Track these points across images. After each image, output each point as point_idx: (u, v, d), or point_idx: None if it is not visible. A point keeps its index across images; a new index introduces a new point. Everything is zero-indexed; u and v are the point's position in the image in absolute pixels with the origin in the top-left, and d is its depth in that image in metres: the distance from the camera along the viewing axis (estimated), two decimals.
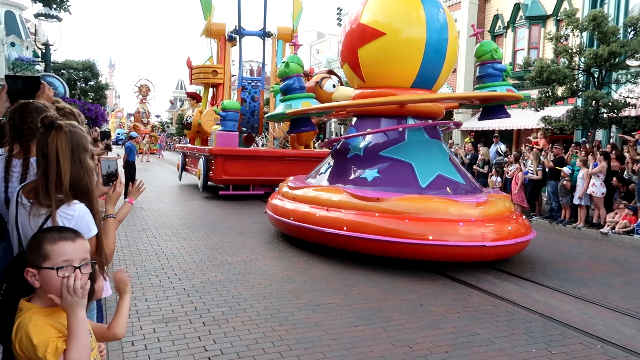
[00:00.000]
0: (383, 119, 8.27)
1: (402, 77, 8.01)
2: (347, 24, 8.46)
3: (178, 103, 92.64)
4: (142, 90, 50.55)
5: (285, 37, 16.34)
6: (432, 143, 8.13)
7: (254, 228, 9.38)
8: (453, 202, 6.80)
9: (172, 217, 10.56)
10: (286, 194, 8.41)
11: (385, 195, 6.97)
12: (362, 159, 8.01)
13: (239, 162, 12.97)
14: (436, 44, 7.83)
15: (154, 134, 39.32)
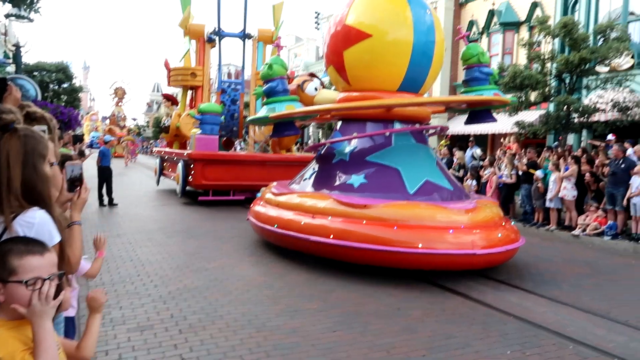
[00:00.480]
0: (369, 123, 8.07)
1: (389, 80, 7.83)
2: (332, 25, 8.25)
3: (155, 106, 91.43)
4: (118, 92, 49.55)
5: (266, 39, 16.06)
6: (419, 148, 7.96)
7: (232, 233, 9.25)
8: (442, 209, 6.62)
9: (148, 222, 10.34)
10: (270, 201, 8.13)
11: (373, 201, 6.76)
12: (348, 164, 7.78)
13: (219, 167, 12.62)
14: (423, 47, 7.66)
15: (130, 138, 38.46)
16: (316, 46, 43.11)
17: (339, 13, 8.15)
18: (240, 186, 12.95)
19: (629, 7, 17.38)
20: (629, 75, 14.71)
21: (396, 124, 7.95)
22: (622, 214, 9.88)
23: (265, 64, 8.57)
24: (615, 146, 10.39)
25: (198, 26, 15.79)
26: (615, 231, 9.75)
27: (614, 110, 14.01)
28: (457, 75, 25.09)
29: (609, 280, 7.01)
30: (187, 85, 15.84)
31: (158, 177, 17.18)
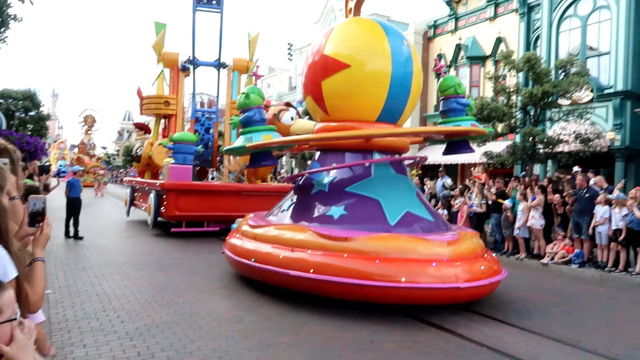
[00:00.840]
0: (348, 153, 7.96)
1: (367, 111, 7.77)
2: (309, 55, 8.21)
3: (125, 134, 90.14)
4: (88, 120, 48.74)
5: (240, 68, 16.00)
6: (398, 179, 7.87)
7: (203, 265, 9.09)
8: (424, 241, 6.48)
9: (116, 254, 10.01)
10: (246, 233, 7.86)
11: (354, 234, 6.58)
12: (327, 195, 7.62)
13: (193, 197, 12.29)
14: (401, 78, 7.67)
15: (97, 164, 37.54)
16: (289, 77, 43.60)
17: (316, 43, 8.14)
18: (215, 217, 12.62)
19: (586, 43, 18.38)
20: (589, 108, 15.62)
21: (375, 154, 7.86)
22: (587, 243, 10.10)
23: (242, 93, 8.43)
24: (580, 176, 10.71)
25: (172, 54, 15.64)
26: (582, 259, 9.96)
27: (577, 141, 14.63)
28: (427, 106, 25.75)
29: (578, 308, 7.11)
30: (160, 113, 15.56)
31: (128, 208, 16.65)
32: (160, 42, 15.38)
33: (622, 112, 16.82)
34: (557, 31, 19.27)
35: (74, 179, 12.33)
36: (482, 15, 22.84)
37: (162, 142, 12.75)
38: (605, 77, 17.73)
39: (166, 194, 12.16)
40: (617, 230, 9.37)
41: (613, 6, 17.37)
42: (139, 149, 16.16)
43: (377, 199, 7.27)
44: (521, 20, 21.08)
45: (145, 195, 14.68)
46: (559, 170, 16.64)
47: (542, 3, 19.77)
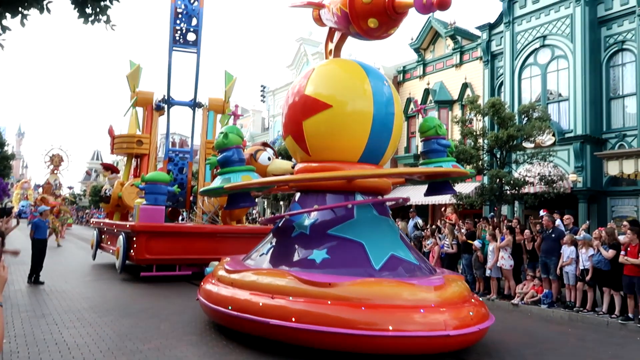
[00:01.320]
0: (329, 194, 7.75)
1: (349, 151, 7.64)
2: (289, 95, 8.08)
3: (94, 174, 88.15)
4: (55, 160, 47.38)
5: (216, 107, 15.83)
6: (381, 220, 7.67)
7: (170, 309, 8.77)
8: (410, 286, 6.24)
9: (78, 299, 9.52)
10: (222, 279, 7.45)
11: (337, 279, 6.29)
12: (308, 238, 7.34)
13: (164, 240, 11.77)
14: (383, 118, 7.60)
15: (65, 208, 36.22)
16: (262, 117, 43.89)
17: (297, 84, 8.04)
18: (188, 260, 12.09)
19: (547, 89, 19.46)
20: (552, 151, 16.32)
21: (357, 195, 7.68)
22: (556, 283, 10.24)
23: (221, 133, 8.21)
24: (545, 217, 10.95)
25: (146, 93, 15.39)
26: (550, 299, 10.07)
27: (542, 183, 15.17)
28: (398, 148, 26.04)
29: (549, 349, 7.11)
30: (133, 153, 15.13)
31: (95, 251, 15.89)
32: (134, 74, 15.08)
33: (582, 155, 17.62)
34: (519, 78, 20.38)
35: (39, 220, 11.71)
36: (448, 61, 23.91)
37: (134, 183, 12.28)
38: (565, 122, 18.69)
39: (136, 236, 11.62)
40: (584, 270, 9.52)
41: (570, 56, 18.48)
42: (108, 189, 15.60)
43: (360, 241, 7.03)
44: (485, 67, 22.15)
45: (114, 238, 14.04)
46: (526, 212, 17.35)
47: (504, 52, 20.97)
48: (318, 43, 35.85)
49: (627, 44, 17.53)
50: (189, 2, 15.22)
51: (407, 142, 25.78)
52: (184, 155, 16.14)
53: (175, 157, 15.88)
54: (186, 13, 15.22)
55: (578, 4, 18.19)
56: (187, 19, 15.27)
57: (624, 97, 17.78)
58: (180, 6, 15.11)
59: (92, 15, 6.51)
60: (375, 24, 7.23)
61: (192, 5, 15.26)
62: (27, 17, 6.09)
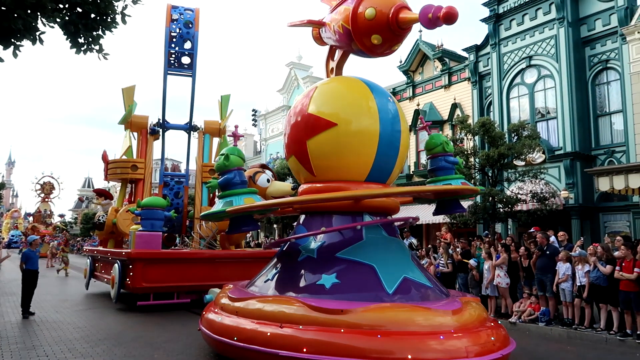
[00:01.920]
0: (336, 215, 7.44)
1: (355, 171, 7.37)
2: (292, 115, 7.84)
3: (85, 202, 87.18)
4: (45, 188, 46.76)
5: (212, 131, 15.59)
6: (391, 241, 7.37)
7: (164, 337, 8.62)
8: (427, 311, 5.89)
9: (70, 330, 9.32)
10: (226, 307, 7.07)
11: (350, 305, 5.95)
12: (316, 262, 7.00)
13: (162, 267, 11.34)
14: (389, 136, 7.36)
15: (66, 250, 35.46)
16: (254, 141, 43.98)
17: (299, 103, 7.81)
18: (186, 287, 11.65)
19: (535, 108, 19.88)
20: (542, 168, 16.65)
21: (366, 216, 7.38)
22: (552, 300, 10.20)
23: (221, 154, 7.91)
24: (539, 234, 10.92)
25: (141, 117, 15.11)
26: (548, 317, 10.02)
27: (534, 200, 15.33)
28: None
29: None
30: (127, 178, 14.77)
31: (88, 280, 15.37)
32: (127, 116, 14.74)
33: (573, 172, 17.86)
34: (508, 97, 20.90)
35: (29, 250, 11.25)
36: (437, 82, 24.34)
37: (129, 209, 11.91)
38: (554, 140, 19.06)
39: (132, 263, 11.19)
40: (581, 286, 9.53)
41: (556, 75, 18.99)
42: (102, 216, 15.17)
43: (371, 264, 6.71)
44: (473, 87, 22.62)
45: (108, 266, 13.58)
46: (520, 229, 17.51)
47: (492, 72, 21.50)
48: (308, 67, 36.38)
49: (611, 62, 18.07)
50: (184, 26, 15.09)
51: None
52: (179, 179, 15.80)
53: (171, 182, 15.55)
54: (181, 37, 15.08)
55: (562, 25, 18.84)
56: (181, 42, 15.13)
57: (611, 114, 18.27)
58: (175, 30, 14.99)
59: (85, 45, 6.53)
60: (379, 41, 7.06)
61: (187, 29, 15.13)
62: (20, 48, 6.06)
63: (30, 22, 5.93)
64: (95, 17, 6.48)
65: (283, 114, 36.51)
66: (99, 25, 6.52)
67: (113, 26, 6.65)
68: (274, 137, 37.18)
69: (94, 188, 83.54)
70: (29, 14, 5.90)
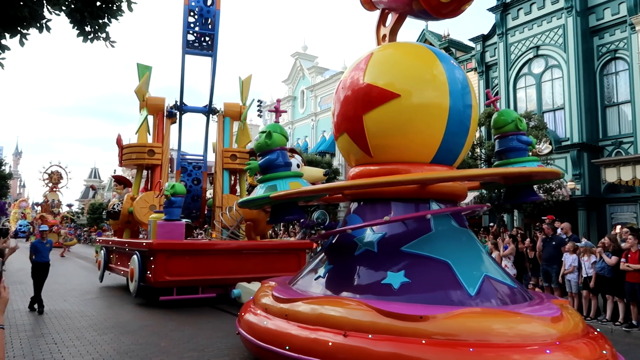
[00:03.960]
0: (396, 203, 6.39)
1: (421, 150, 6.31)
2: (342, 89, 6.74)
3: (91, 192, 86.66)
4: (53, 177, 45.97)
5: (232, 114, 14.54)
6: (462, 233, 6.31)
7: (170, 326, 8.60)
8: (525, 318, 4.85)
9: (77, 318, 9.34)
10: (271, 309, 6.05)
11: (428, 309, 4.92)
12: (377, 257, 5.97)
13: (186, 258, 10.36)
14: (460, 112, 6.30)
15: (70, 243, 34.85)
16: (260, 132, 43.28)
17: (350, 74, 6.71)
18: (212, 281, 10.68)
19: (542, 99, 19.69)
20: (549, 159, 16.50)
21: (433, 204, 6.33)
22: (557, 291, 10.16)
23: (262, 132, 6.89)
24: (545, 225, 10.75)
25: (157, 99, 14.07)
26: None
27: (540, 191, 15.05)
28: None
29: None
30: (143, 164, 13.75)
31: (102, 272, 14.45)
32: (144, 85, 13.79)
33: (580, 163, 17.61)
34: (514, 88, 20.60)
35: (38, 242, 10.29)
36: None
37: (166, 192, 10.83)
38: (561, 130, 18.89)
39: (154, 255, 10.20)
40: (587, 278, 9.48)
41: (563, 65, 18.66)
42: (117, 204, 14.17)
43: (445, 260, 5.67)
44: (480, 78, 22.34)
45: (125, 258, 12.63)
46: (526, 220, 17.56)
47: (499, 63, 21.21)
48: (314, 57, 35.81)
49: (619, 52, 17.76)
50: (204, 4, 13.97)
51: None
52: (197, 164, 14.76)
53: (189, 167, 14.52)
54: (200, 15, 13.97)
55: (570, 15, 18.44)
56: (201, 21, 14.01)
57: (619, 104, 17.85)
58: (194, 8, 13.87)
59: (92, 33, 6.50)
60: None
61: (207, 7, 14.01)
62: (27, 36, 6.05)
63: (36, 10, 5.88)
64: (100, 5, 6.45)
65: (289, 104, 35.82)
66: (104, 13, 6.48)
67: (119, 14, 6.59)
68: None
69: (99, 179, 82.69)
70: (35, 2, 5.86)
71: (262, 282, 7.51)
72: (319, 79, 33.73)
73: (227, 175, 13.73)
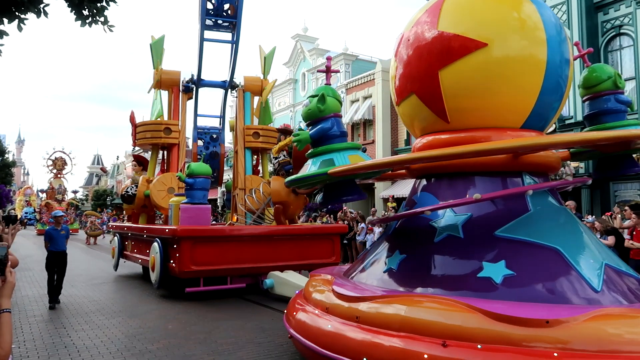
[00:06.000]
0: (480, 177, 5.29)
1: (510, 114, 5.19)
2: (409, 41, 5.52)
3: (94, 179, 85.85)
4: (57, 163, 45.04)
5: (253, 88, 13.37)
6: (561, 212, 5.22)
7: (176, 309, 8.69)
8: None
9: (85, 303, 9.42)
10: (336, 309, 4.98)
11: (553, 311, 3.85)
12: (464, 243, 4.87)
13: (213, 246, 9.34)
14: (558, 67, 5.15)
15: (95, 214, 34.19)
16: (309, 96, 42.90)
17: (420, 22, 5.49)
18: (241, 270, 9.66)
19: None
20: None
21: (526, 177, 5.22)
22: None
23: (312, 96, 5.75)
24: None
25: (172, 73, 12.91)
26: None
27: None
28: (397, 139, 26.34)
29: None
30: (159, 143, 12.64)
31: (117, 260, 13.49)
32: (158, 47, 12.58)
33: None
34: None
35: (52, 229, 9.29)
36: None
37: (179, 175, 9.80)
38: (565, 108, 18.28)
39: (179, 243, 9.17)
40: None
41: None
42: (131, 187, 13.12)
43: (555, 247, 4.57)
44: None
45: (142, 245, 11.64)
46: None
47: None
48: (314, 39, 34.79)
49: (624, 28, 17.26)
50: None
51: (407, 134, 25.39)
52: (215, 133, 13.64)
53: (205, 138, 13.44)
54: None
55: None
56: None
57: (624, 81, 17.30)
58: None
59: (89, 17, 6.45)
60: None
61: None
62: (25, 21, 6.09)
63: None
64: None
65: (289, 87, 34.88)
66: None
67: None
68: (281, 111, 35.40)
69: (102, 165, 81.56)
70: None
71: (310, 274, 6.48)
72: (320, 60, 32.66)
73: (249, 154, 12.62)
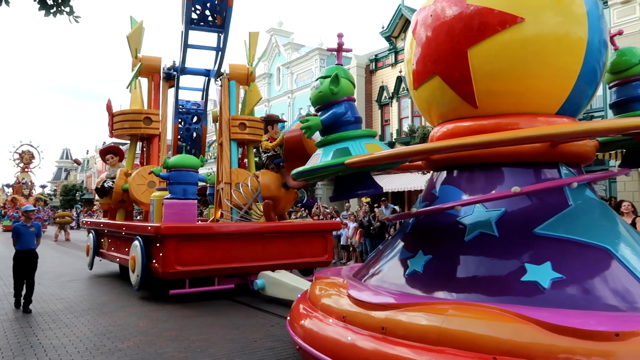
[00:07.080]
0: (510, 169, 4.76)
1: (546, 99, 4.69)
2: (428, 22, 4.97)
3: (63, 173, 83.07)
4: (24, 157, 43.08)
5: (239, 77, 12.61)
6: (600, 207, 4.73)
7: (147, 307, 8.46)
8: None
9: (53, 301, 9.14)
10: (356, 318, 4.36)
11: (619, 321, 3.35)
12: (501, 243, 4.33)
13: (200, 245, 8.63)
14: (597, 49, 4.68)
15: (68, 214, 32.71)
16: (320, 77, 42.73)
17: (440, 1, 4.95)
18: (229, 270, 8.98)
19: None
20: None
21: (562, 168, 4.72)
22: None
23: (322, 77, 5.12)
24: None
25: (152, 59, 12.06)
26: None
27: None
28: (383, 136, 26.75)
29: None
30: (138, 134, 11.80)
31: (92, 258, 12.60)
32: (135, 35, 11.72)
33: None
34: None
35: (21, 224, 8.41)
36: None
37: (154, 170, 9.07)
38: None
39: (162, 241, 8.42)
40: None
41: None
42: (107, 181, 12.22)
43: (604, 246, 4.08)
44: None
45: (120, 243, 10.82)
46: None
47: None
48: (289, 33, 34.48)
49: None
50: None
51: (382, 130, 25.61)
52: (195, 112, 12.92)
53: (187, 118, 12.72)
54: None
55: None
56: None
57: None
58: None
59: (54, 7, 6.23)
60: None
61: None
62: None
63: None
64: None
65: (264, 82, 34.31)
66: None
67: None
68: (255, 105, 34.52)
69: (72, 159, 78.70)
70: None
71: (315, 276, 5.87)
72: (295, 55, 32.09)
73: (235, 146, 11.90)
